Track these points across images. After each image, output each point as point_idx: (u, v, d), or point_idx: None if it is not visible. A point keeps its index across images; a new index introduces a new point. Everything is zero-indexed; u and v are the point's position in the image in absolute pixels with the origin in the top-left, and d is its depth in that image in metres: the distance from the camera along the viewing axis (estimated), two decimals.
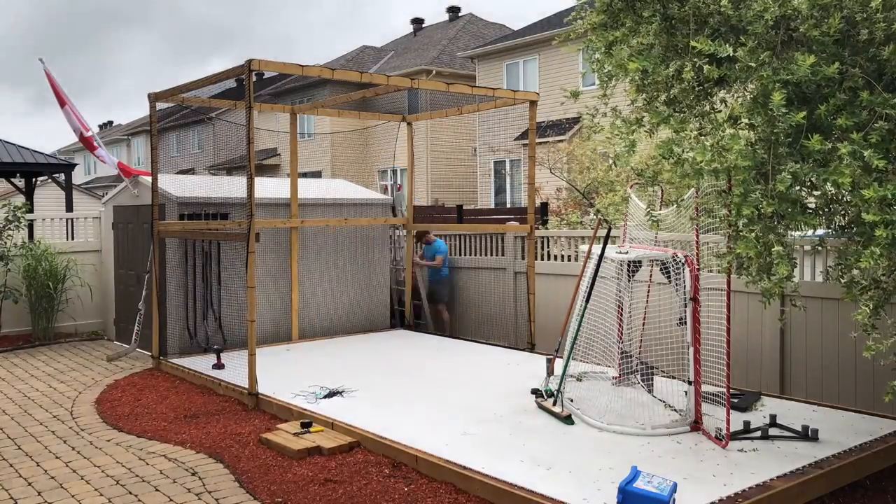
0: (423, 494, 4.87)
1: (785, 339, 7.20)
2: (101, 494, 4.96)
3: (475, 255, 10.81)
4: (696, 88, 4.39)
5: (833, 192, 4.36)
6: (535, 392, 6.61)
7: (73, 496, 4.94)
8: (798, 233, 4.49)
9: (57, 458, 5.71)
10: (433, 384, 7.38)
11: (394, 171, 28.27)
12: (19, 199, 13.92)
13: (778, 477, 4.75)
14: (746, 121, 4.15)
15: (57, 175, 16.38)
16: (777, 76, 3.81)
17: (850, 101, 3.88)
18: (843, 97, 3.88)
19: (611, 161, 12.63)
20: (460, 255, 11.05)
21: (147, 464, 5.53)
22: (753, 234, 3.96)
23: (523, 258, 9.98)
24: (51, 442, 6.11)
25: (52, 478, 5.29)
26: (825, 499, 4.85)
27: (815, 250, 6.83)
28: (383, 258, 10.97)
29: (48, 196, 22.67)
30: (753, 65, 3.86)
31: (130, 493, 4.98)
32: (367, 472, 5.26)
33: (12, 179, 16.87)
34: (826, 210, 4.49)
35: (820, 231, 4.95)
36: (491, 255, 10.56)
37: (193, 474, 5.29)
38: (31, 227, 11.54)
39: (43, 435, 6.31)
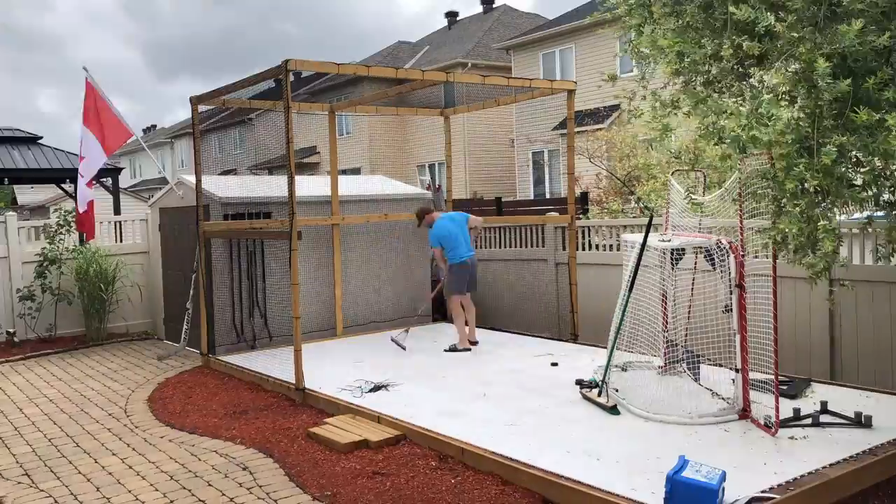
0: (469, 486, 4.89)
1: (834, 324, 7.04)
2: (157, 489, 5.09)
3: (515, 246, 10.79)
4: (735, 68, 4.29)
5: (881, 166, 4.22)
6: (580, 382, 6.59)
7: (129, 491, 5.08)
8: (844, 216, 4.35)
9: (113, 454, 5.88)
10: (476, 376, 7.39)
11: (432, 166, 28.31)
12: (69, 204, 14.28)
13: (831, 464, 4.66)
14: (787, 96, 4.04)
15: (104, 179, 16.75)
16: (820, 50, 3.69)
17: None
18: (891, 71, 3.75)
19: (648, 146, 12.45)
20: (500, 247, 11.04)
21: (199, 459, 5.65)
22: (798, 209, 3.84)
23: (564, 249, 9.93)
24: (107, 439, 6.28)
25: (110, 474, 5.44)
26: (881, 486, 4.74)
27: (863, 232, 6.66)
28: (424, 252, 11.00)
29: (96, 199, 23.15)
30: (795, 35, 3.72)
31: (184, 488, 5.10)
32: (413, 465, 5.31)
33: (62, 185, 17.33)
34: (874, 186, 4.34)
35: (867, 212, 4.82)
36: (532, 246, 10.52)
37: (244, 469, 5.39)
38: None
39: (99, 432, 6.49)
